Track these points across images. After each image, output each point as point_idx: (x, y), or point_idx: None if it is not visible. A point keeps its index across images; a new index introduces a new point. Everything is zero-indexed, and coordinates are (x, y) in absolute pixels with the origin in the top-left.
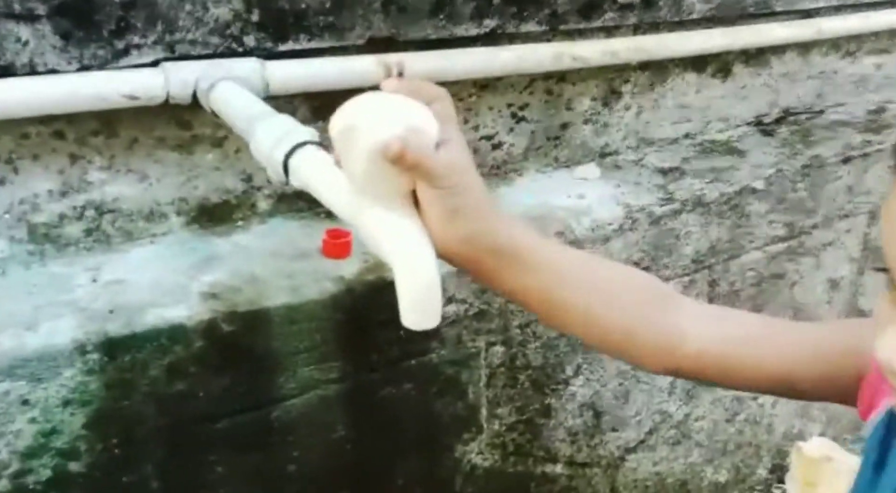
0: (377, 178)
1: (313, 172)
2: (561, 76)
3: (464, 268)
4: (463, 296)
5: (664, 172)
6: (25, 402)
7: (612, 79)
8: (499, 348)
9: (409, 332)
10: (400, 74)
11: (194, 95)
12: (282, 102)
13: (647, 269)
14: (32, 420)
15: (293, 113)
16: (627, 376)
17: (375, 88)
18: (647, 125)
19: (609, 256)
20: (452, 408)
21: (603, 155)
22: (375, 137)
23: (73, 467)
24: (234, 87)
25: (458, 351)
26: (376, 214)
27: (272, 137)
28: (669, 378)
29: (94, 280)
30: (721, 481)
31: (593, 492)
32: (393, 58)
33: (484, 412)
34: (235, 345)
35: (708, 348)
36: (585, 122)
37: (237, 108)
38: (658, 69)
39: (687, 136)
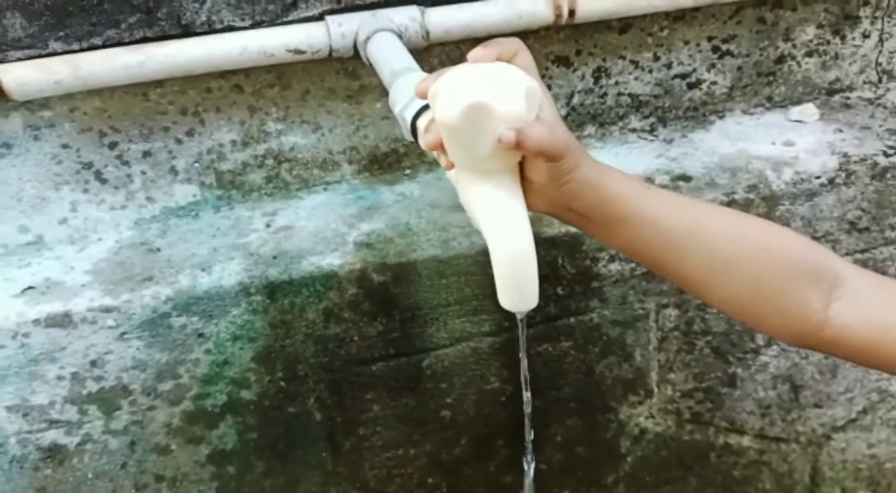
0: (495, 156)
1: None
2: (777, 2)
3: (573, 225)
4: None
5: None
6: (200, 335)
7: (845, 1)
8: (671, 311)
9: (567, 289)
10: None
11: (355, 47)
12: (450, 47)
13: (864, 231)
14: (207, 352)
15: (460, 59)
16: None
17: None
18: (892, 56)
19: (813, 216)
20: (617, 370)
21: (830, 92)
22: (505, 120)
23: (245, 395)
24: (386, 38)
25: (622, 312)
26: (482, 191)
27: (404, 95)
28: None
29: (268, 225)
30: None
31: (790, 469)
32: None
33: (654, 376)
34: (386, 294)
35: (851, 335)
36: (808, 54)
37: (383, 61)
38: None
39: None
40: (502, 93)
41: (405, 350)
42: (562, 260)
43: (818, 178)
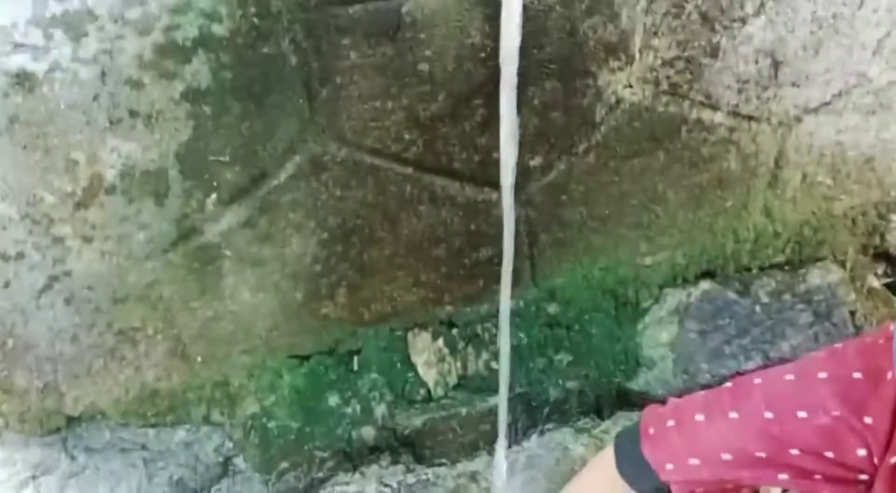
0: None
1: None
2: None
3: None
4: None
5: None
6: None
7: None
8: None
9: None
10: None
11: None
12: None
13: None
14: None
15: None
16: (823, 24)
17: None
18: None
19: None
20: (601, 31)
21: None
22: None
23: (217, 30)
24: None
25: None
26: None
27: None
28: (877, 35)
29: None
30: None
31: (757, 151)
32: None
33: (638, 40)
34: None
35: None
36: None
37: None
38: None
39: None
40: None
41: None
42: None
43: None
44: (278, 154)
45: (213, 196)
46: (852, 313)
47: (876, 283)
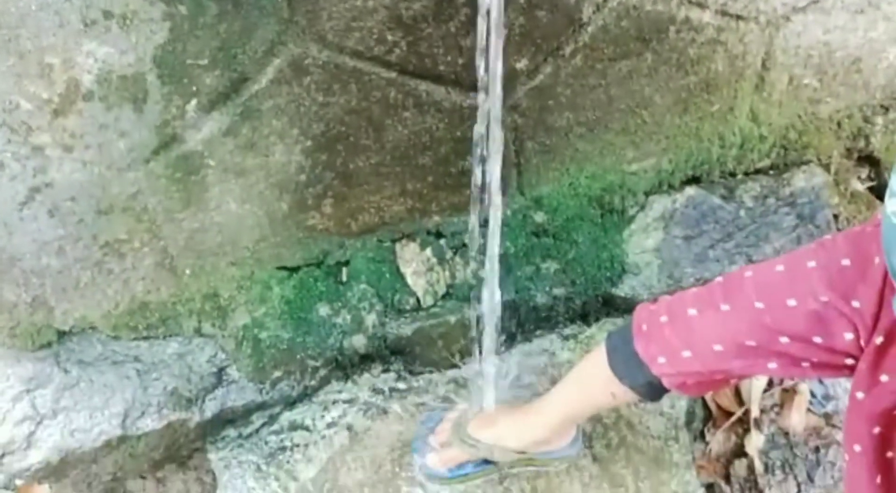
0: None
1: None
2: None
3: None
4: None
5: None
6: None
7: None
8: None
9: None
10: None
11: None
12: None
13: None
14: None
15: None
16: None
17: None
18: None
19: None
20: None
21: None
22: None
23: None
24: None
25: None
26: None
27: None
28: None
29: None
30: None
31: (744, 52)
32: None
33: None
34: None
35: None
36: None
37: None
38: None
39: None
40: None
41: None
42: None
43: None
44: (258, 57)
45: (194, 102)
46: (836, 216)
47: (859, 186)
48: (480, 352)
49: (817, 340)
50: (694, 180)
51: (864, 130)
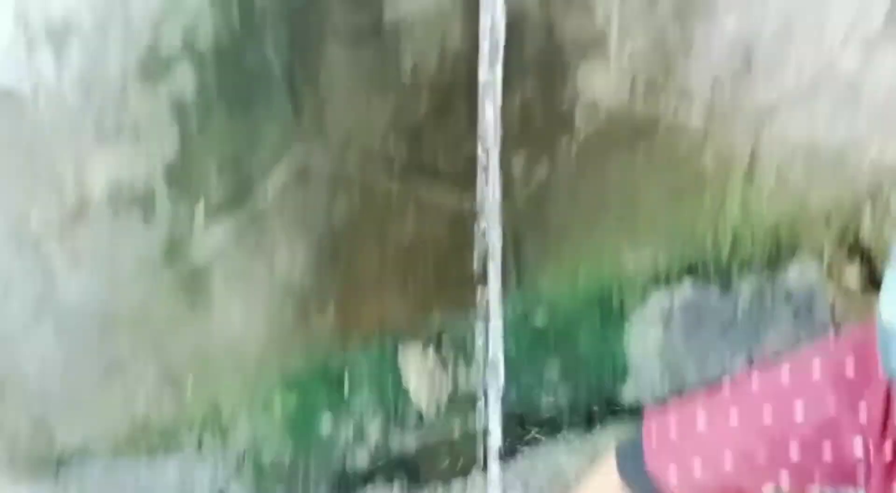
0: None
1: None
2: None
3: None
4: None
5: None
6: None
7: None
8: None
9: None
10: None
11: None
12: None
13: None
14: None
15: None
16: (793, 16)
17: None
18: None
19: None
20: (578, 29)
21: None
22: None
23: (201, 39)
24: None
25: None
26: None
27: None
28: (845, 25)
29: None
30: (888, 158)
31: (732, 147)
32: None
33: (614, 37)
34: None
35: None
36: None
37: None
38: None
39: None
40: None
41: None
42: None
43: None
44: (264, 164)
45: (201, 210)
46: (832, 308)
47: (854, 278)
48: (485, 463)
49: (827, 450)
50: (690, 273)
51: (854, 221)
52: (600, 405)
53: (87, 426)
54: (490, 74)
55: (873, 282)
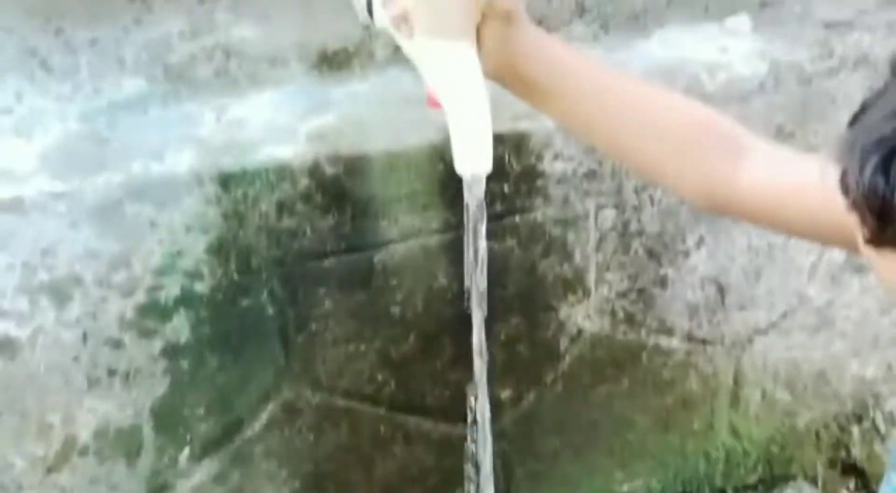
0: (460, 15)
1: None
2: None
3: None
4: (571, 153)
5: (830, 25)
6: (153, 224)
7: None
8: (610, 212)
9: (513, 187)
10: None
11: None
12: None
13: (791, 135)
14: (160, 242)
15: None
16: (760, 252)
17: None
18: None
19: (745, 117)
20: (558, 269)
21: (763, 5)
22: None
23: (199, 287)
24: None
25: (564, 211)
26: (442, 57)
27: None
28: (811, 259)
29: (219, 119)
30: (868, 376)
31: (715, 371)
32: None
33: (592, 276)
34: (339, 187)
35: (757, 197)
36: None
37: None
38: None
39: None
40: None
41: (356, 245)
42: (508, 157)
43: (749, 81)
44: (253, 403)
45: (186, 451)
46: None
47: None
48: None
49: None
50: None
51: (843, 439)
52: None
53: None
54: (477, 311)
55: None
